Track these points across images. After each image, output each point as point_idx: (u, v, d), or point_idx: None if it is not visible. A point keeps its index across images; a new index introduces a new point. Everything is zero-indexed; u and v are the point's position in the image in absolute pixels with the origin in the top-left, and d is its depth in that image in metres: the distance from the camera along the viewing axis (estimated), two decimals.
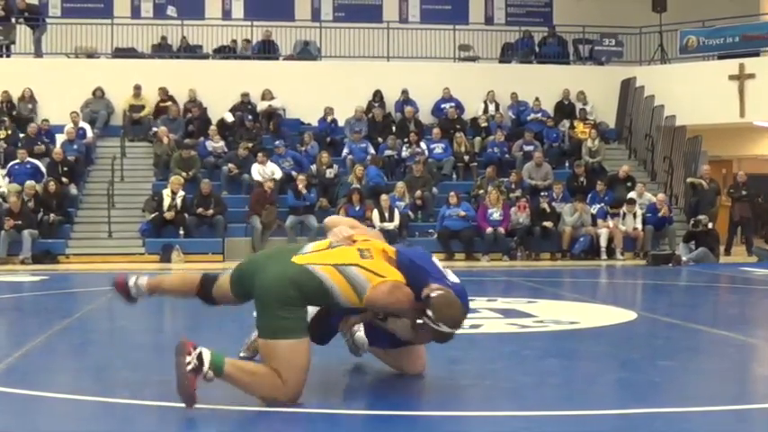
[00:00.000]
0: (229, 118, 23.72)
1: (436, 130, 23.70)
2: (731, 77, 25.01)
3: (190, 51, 26.13)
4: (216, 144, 22.73)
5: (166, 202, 20.33)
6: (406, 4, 28.84)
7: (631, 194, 21.61)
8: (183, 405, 5.01)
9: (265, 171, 21.43)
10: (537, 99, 25.31)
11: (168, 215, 20.14)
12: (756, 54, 25.67)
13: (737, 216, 22.44)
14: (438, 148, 23.38)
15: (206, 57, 26.31)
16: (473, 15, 28.72)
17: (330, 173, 21.93)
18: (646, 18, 26.59)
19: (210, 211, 20.28)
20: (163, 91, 24.16)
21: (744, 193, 22.43)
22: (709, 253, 19.47)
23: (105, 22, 25.50)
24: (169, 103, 24.12)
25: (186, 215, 20.23)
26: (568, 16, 27.95)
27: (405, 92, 25.14)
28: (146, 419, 5.18)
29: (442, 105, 25.12)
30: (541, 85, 25.61)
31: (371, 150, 23.09)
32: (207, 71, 25.08)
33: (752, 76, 24.81)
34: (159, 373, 6.59)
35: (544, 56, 27.23)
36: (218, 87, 24.23)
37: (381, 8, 28.53)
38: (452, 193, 21.01)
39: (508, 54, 27.41)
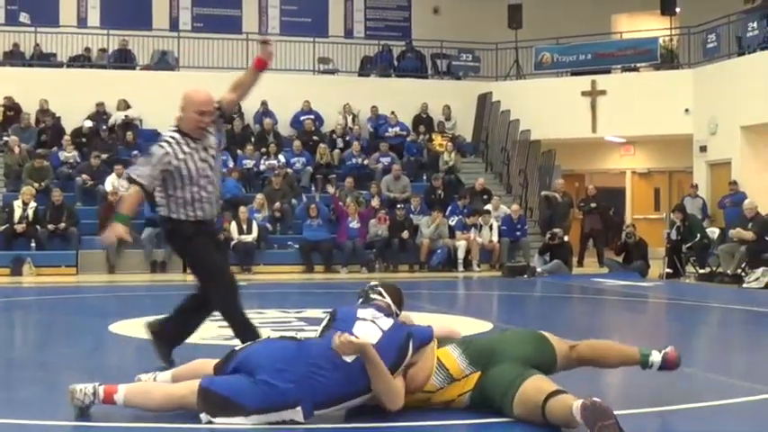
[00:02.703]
0: (88, 124, 23.21)
1: (297, 143, 23.66)
2: (584, 93, 25.71)
3: (43, 59, 25.49)
4: (68, 154, 22.20)
5: (17, 213, 19.73)
6: (265, 16, 28.76)
7: (487, 207, 21.97)
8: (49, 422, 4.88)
9: (121, 183, 21.01)
10: (393, 113, 25.48)
11: (19, 227, 19.55)
12: (607, 71, 26.46)
13: (588, 228, 23.01)
14: (298, 163, 23.32)
15: (60, 65, 25.71)
16: (332, 28, 28.82)
17: None
18: (502, 34, 27.11)
19: (62, 225, 19.77)
20: (9, 100, 23.45)
21: (593, 205, 23.02)
22: (562, 264, 19.92)
23: None
24: (13, 112, 23.45)
25: (38, 227, 19.69)
26: (426, 31, 28.29)
27: (264, 103, 25.03)
28: None
29: (301, 117, 25.10)
30: (400, 98, 25.85)
31: (231, 162, 22.90)
32: (61, 80, 24.49)
33: (603, 92, 25.55)
34: (7, 390, 6.41)
35: (403, 70, 27.49)
36: (73, 97, 23.68)
37: (241, 19, 28.38)
38: (313, 206, 20.99)
39: (367, 67, 27.58)
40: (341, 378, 5.04)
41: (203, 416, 5.03)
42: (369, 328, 5.28)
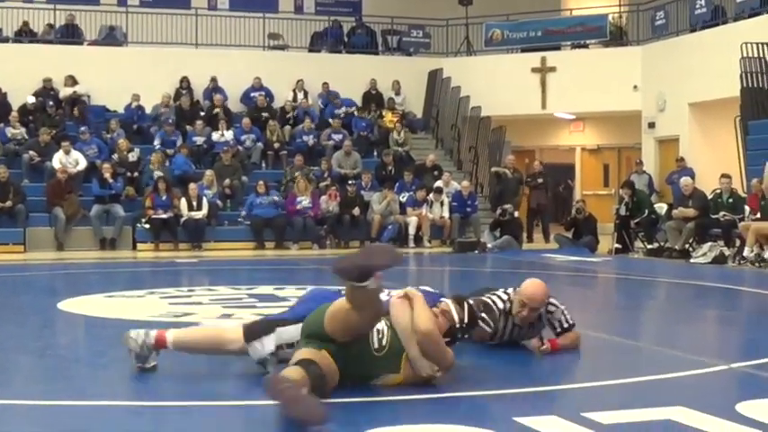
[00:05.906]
0: (31, 100, 22.93)
1: (246, 120, 23.51)
2: (533, 70, 25.82)
3: None
4: (15, 130, 21.92)
5: None
6: None
7: (438, 183, 22.02)
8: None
9: (69, 160, 20.82)
10: (337, 96, 25.32)
11: None
12: (557, 48, 26.58)
13: (535, 204, 23.17)
14: (248, 140, 23.17)
15: (6, 40, 25.30)
16: (282, 4, 28.63)
17: (132, 156, 21.50)
18: (452, 11, 27.12)
19: (8, 203, 19.52)
20: None
21: (540, 181, 23.18)
22: (513, 240, 20.02)
23: None
24: None
25: None
26: (377, 7, 28.18)
27: (213, 79, 24.86)
28: None
29: (252, 94, 24.95)
30: (350, 74, 25.78)
31: (180, 139, 22.74)
32: (7, 55, 24.10)
33: (553, 69, 25.68)
34: None
35: (353, 46, 27.41)
36: (19, 72, 23.31)
37: None
38: (261, 182, 20.87)
39: (318, 43, 27.47)
40: None
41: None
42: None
